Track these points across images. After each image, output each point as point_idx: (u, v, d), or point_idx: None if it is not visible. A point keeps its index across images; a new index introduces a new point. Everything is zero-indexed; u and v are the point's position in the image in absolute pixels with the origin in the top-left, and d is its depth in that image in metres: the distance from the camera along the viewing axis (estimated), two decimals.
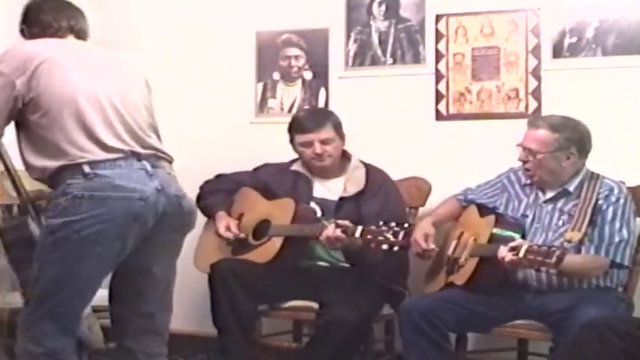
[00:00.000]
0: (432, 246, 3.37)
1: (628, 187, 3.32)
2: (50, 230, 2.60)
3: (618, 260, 3.09)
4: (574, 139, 3.18)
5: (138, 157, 2.64)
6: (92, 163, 2.57)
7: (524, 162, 3.24)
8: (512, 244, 2.95)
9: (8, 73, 2.60)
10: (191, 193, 3.65)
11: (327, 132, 3.57)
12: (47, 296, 2.62)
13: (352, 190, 3.57)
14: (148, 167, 2.63)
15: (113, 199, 2.55)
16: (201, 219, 3.72)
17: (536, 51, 3.76)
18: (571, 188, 3.21)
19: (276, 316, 3.60)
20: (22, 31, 2.89)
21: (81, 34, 2.85)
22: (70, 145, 2.58)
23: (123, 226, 2.57)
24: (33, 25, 2.84)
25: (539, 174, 3.23)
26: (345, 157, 3.67)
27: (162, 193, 2.63)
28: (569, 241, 2.98)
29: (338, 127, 3.61)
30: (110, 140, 2.61)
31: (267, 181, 3.71)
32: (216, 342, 3.46)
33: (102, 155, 2.59)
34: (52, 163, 2.60)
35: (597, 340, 2.67)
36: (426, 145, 3.92)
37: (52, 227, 2.59)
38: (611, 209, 3.13)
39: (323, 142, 3.56)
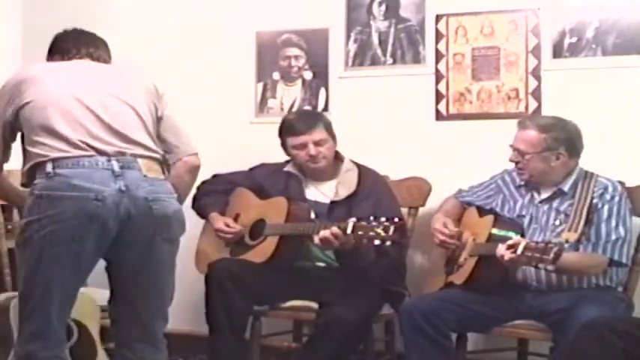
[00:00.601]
0: (454, 228, 3.36)
1: (628, 187, 3.33)
2: (20, 230, 2.65)
3: (616, 258, 3.10)
4: (562, 138, 3.19)
5: (107, 156, 2.61)
6: (55, 161, 2.58)
7: (516, 163, 3.25)
8: (510, 241, 2.96)
9: (6, 101, 2.72)
10: (191, 192, 3.68)
11: (319, 133, 3.56)
12: (24, 298, 2.64)
13: (343, 193, 3.56)
14: (116, 167, 2.60)
15: (67, 198, 2.55)
16: (197, 222, 3.73)
17: (536, 51, 3.76)
18: (565, 188, 3.22)
19: (276, 316, 3.60)
20: (47, 61, 2.98)
21: (100, 60, 2.92)
22: (37, 146, 2.63)
23: (76, 227, 2.55)
24: (55, 52, 2.95)
25: (529, 174, 3.24)
26: (338, 158, 3.66)
27: (126, 194, 2.58)
28: (566, 242, 2.98)
29: (329, 128, 3.60)
30: (77, 136, 2.61)
31: (261, 181, 3.71)
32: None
33: (66, 152, 2.59)
34: (26, 167, 2.67)
35: (597, 340, 2.67)
36: (426, 145, 3.92)
37: (21, 227, 2.64)
38: (606, 207, 3.14)
39: (316, 143, 3.55)
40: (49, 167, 2.58)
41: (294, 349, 3.87)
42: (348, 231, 3.22)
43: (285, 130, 3.61)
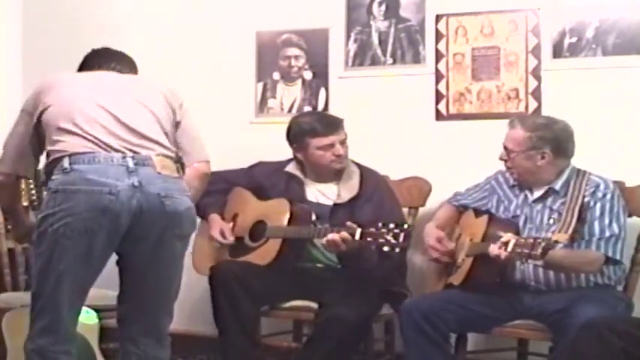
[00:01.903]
0: (449, 245, 3.36)
1: (628, 187, 3.33)
2: (36, 225, 2.70)
3: (610, 254, 3.09)
4: (548, 138, 3.19)
5: (122, 153, 2.67)
6: (72, 156, 2.65)
7: (505, 161, 3.27)
8: (502, 239, 2.96)
9: (30, 110, 2.80)
10: None
11: (343, 133, 3.57)
12: (37, 293, 2.69)
13: (346, 195, 3.55)
14: (130, 164, 2.66)
15: (82, 192, 2.61)
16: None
17: (536, 51, 3.76)
18: (557, 187, 3.22)
19: (276, 316, 3.60)
20: None
21: (122, 73, 2.98)
22: (56, 144, 2.70)
23: (89, 220, 2.61)
24: (85, 68, 3.01)
25: (517, 173, 3.26)
26: None
27: (139, 189, 2.64)
28: (555, 242, 2.98)
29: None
30: (94, 133, 2.68)
31: (261, 180, 3.70)
32: (216, 342, 3.46)
33: (83, 148, 2.65)
34: (45, 164, 2.74)
35: (597, 340, 2.68)
36: (426, 145, 3.92)
37: (37, 222, 2.70)
38: (598, 205, 3.14)
39: (341, 142, 3.56)
40: (65, 163, 2.65)
41: (294, 349, 3.87)
42: (357, 237, 3.23)
43: (308, 132, 3.55)
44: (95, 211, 2.60)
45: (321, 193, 3.62)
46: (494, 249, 2.98)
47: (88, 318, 3.23)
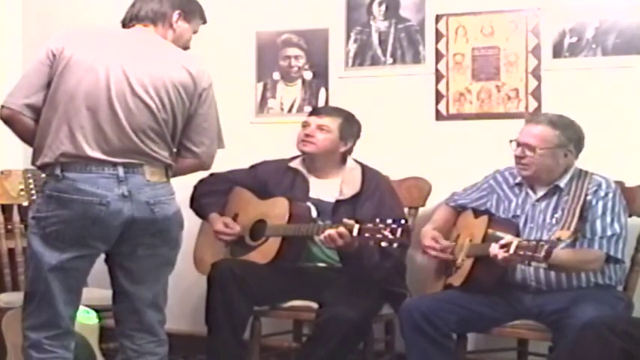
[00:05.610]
0: (445, 242, 3.36)
1: (627, 187, 3.33)
2: (30, 225, 2.77)
3: (612, 253, 3.10)
4: (574, 138, 3.20)
5: (113, 163, 2.69)
6: (64, 164, 2.68)
7: (521, 158, 3.23)
8: (502, 241, 2.97)
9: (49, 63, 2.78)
10: (189, 192, 3.69)
11: (329, 121, 3.58)
12: (32, 291, 2.75)
13: (348, 192, 3.56)
14: (121, 173, 2.69)
15: (75, 202, 2.67)
16: (197, 222, 3.73)
17: (536, 51, 3.76)
18: (562, 184, 3.22)
19: (276, 316, 3.60)
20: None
21: (156, 22, 3.02)
22: (53, 144, 2.69)
23: (81, 228, 2.68)
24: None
25: (534, 170, 3.22)
26: (343, 159, 3.66)
27: (128, 199, 2.70)
28: (558, 239, 2.98)
29: (344, 127, 3.60)
30: (91, 145, 2.68)
31: (266, 179, 3.70)
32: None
33: (76, 157, 2.67)
34: (37, 159, 2.74)
35: (597, 340, 2.68)
36: (426, 145, 3.92)
37: (30, 223, 2.77)
38: (600, 204, 3.14)
39: (319, 126, 3.57)
40: (57, 170, 2.68)
41: (294, 349, 3.88)
42: (355, 233, 3.23)
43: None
44: (86, 220, 2.67)
45: (322, 190, 3.62)
46: (495, 249, 2.98)
47: (88, 318, 3.25)
